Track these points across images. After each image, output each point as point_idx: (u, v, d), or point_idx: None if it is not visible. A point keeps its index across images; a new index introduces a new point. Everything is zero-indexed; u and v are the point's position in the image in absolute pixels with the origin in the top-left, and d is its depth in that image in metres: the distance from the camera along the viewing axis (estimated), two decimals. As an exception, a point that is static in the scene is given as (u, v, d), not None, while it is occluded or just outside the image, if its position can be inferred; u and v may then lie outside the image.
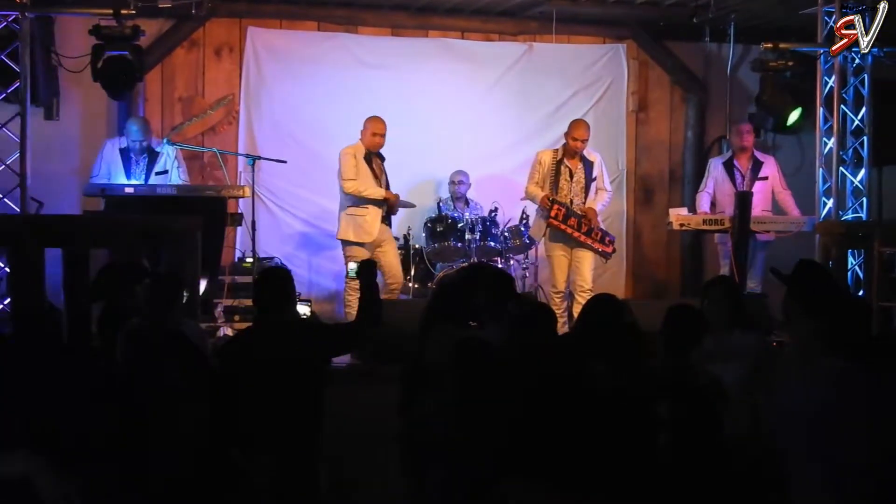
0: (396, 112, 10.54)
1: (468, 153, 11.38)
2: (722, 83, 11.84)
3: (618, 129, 12.10)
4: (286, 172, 10.64)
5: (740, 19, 11.13)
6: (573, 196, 9.73)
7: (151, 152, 9.67)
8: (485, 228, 10.27)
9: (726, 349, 5.53)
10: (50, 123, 9.89)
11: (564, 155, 9.78)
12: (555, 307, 9.33)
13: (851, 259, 9.94)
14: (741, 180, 10.05)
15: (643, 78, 12.27)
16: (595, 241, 9.70)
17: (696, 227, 9.88)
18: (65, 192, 9.99)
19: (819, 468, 3.76)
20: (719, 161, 10.35)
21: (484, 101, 11.70)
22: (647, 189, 12.38)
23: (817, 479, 3.76)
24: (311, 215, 11.04)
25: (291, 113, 11.21)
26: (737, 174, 10.09)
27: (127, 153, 9.64)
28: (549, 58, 11.86)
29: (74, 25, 9.79)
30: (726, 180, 10.09)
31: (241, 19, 11.17)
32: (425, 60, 11.60)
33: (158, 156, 9.68)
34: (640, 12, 11.47)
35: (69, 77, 9.87)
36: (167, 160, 9.66)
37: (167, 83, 11.03)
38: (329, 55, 11.34)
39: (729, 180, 10.07)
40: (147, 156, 9.65)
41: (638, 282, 12.26)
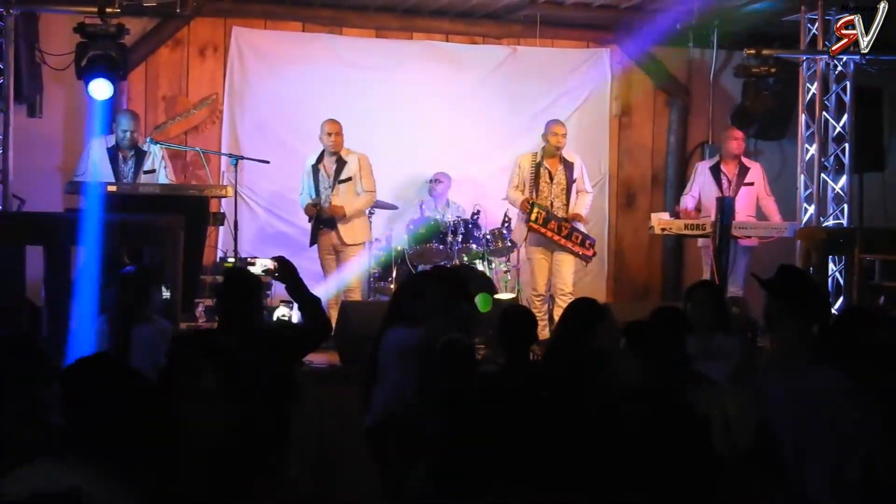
0: (380, 113, 10.56)
1: (451, 155, 11.38)
2: (705, 88, 11.90)
3: (601, 132, 12.12)
4: (269, 172, 10.63)
5: (723, 25, 11.17)
6: (553, 198, 9.75)
7: (139, 152, 9.64)
8: (467, 231, 10.27)
9: (709, 351, 5.57)
10: (33, 120, 9.86)
11: (544, 157, 9.81)
12: (535, 310, 9.35)
13: (832, 265, 10.00)
14: (727, 185, 10.08)
15: (626, 82, 12.30)
16: (575, 244, 9.72)
17: (678, 231, 9.90)
18: (47, 190, 9.94)
19: (811, 468, 3.80)
20: (706, 165, 10.37)
21: (468, 103, 11.70)
22: (630, 193, 12.41)
23: (811, 477, 3.79)
24: (293, 216, 11.01)
25: (275, 113, 11.19)
26: (723, 179, 10.12)
27: (115, 152, 9.61)
28: (533, 61, 11.89)
29: (59, 22, 9.76)
30: (713, 185, 10.11)
31: (226, 19, 11.16)
32: (410, 62, 11.60)
33: (146, 155, 9.66)
34: (625, 17, 11.50)
35: (52, 74, 9.84)
36: (154, 159, 9.64)
37: (151, 82, 11.01)
38: (314, 56, 11.34)
39: (715, 184, 10.09)
40: (135, 155, 9.62)
41: (619, 285, 12.29)
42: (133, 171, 9.56)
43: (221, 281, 5.69)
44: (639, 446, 4.07)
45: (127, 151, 9.60)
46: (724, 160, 10.21)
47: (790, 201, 10.47)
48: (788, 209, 10.37)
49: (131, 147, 9.56)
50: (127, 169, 9.58)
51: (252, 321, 5.27)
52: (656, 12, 11.08)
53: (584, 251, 9.80)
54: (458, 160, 11.37)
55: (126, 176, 9.52)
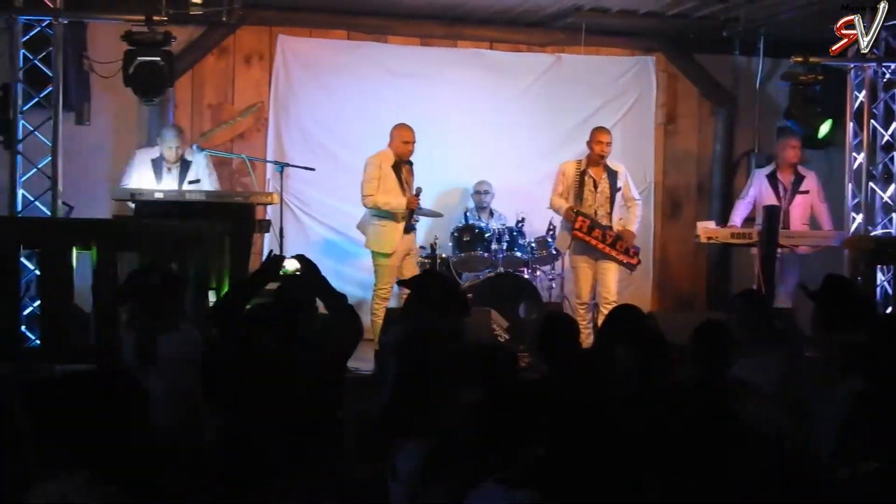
0: (424, 121, 10.56)
1: (495, 163, 11.39)
2: (751, 96, 11.83)
3: (646, 141, 12.09)
4: (314, 180, 10.69)
5: (770, 33, 11.10)
6: (598, 207, 9.70)
7: (184, 162, 9.73)
8: (511, 239, 10.28)
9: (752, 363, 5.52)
10: (81, 128, 9.94)
11: (589, 165, 9.77)
12: (579, 318, 9.32)
13: (880, 275, 9.89)
14: (783, 193, 10.02)
15: (672, 90, 12.27)
16: (620, 252, 9.67)
17: (724, 240, 9.85)
18: (94, 196, 10.03)
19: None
20: (763, 173, 10.29)
21: (512, 111, 11.71)
22: (675, 202, 12.36)
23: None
24: (338, 223, 11.05)
25: (320, 121, 11.25)
26: (780, 187, 10.06)
27: (159, 163, 9.70)
28: (577, 69, 11.87)
29: (107, 31, 9.85)
30: (770, 192, 10.05)
31: (272, 27, 11.23)
32: (454, 70, 11.62)
33: (190, 165, 9.74)
34: (670, 25, 11.46)
35: (100, 82, 9.93)
36: (199, 169, 9.72)
37: (197, 90, 11.10)
38: (358, 64, 11.38)
39: (772, 192, 10.03)
40: (180, 166, 9.71)
41: (663, 295, 12.24)
42: (178, 182, 9.65)
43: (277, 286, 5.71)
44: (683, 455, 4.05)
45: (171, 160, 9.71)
46: (781, 168, 10.15)
47: (837, 210, 10.38)
48: (835, 218, 10.28)
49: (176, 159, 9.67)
50: (171, 179, 9.67)
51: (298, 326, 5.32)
52: (702, 19, 11.03)
53: (628, 259, 9.75)
54: (501, 168, 11.36)
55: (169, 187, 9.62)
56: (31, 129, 9.07)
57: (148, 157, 9.78)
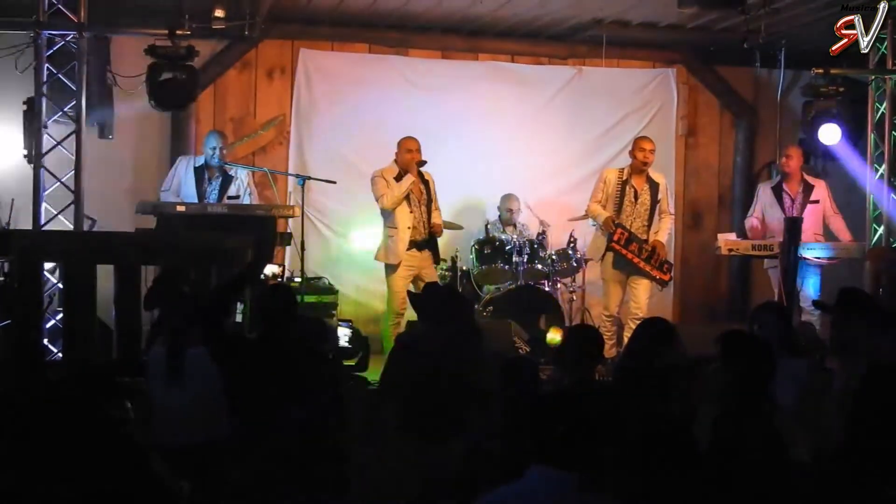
0: (445, 134, 10.60)
1: (516, 176, 11.40)
2: (772, 108, 11.80)
3: (667, 153, 12.05)
4: (336, 193, 10.72)
5: (791, 45, 11.08)
6: (635, 218, 9.67)
7: (226, 176, 9.77)
8: (532, 251, 10.26)
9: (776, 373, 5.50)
10: (104, 142, 10.00)
11: (631, 174, 9.75)
12: (605, 330, 9.30)
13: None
14: (790, 204, 9.99)
15: (692, 102, 12.28)
16: (654, 268, 9.65)
17: (745, 252, 9.82)
18: (118, 210, 10.09)
19: None
20: (767, 186, 10.30)
21: (533, 123, 11.73)
22: (696, 213, 12.35)
23: None
24: (358, 236, 11.07)
25: (342, 134, 11.28)
26: (786, 198, 10.03)
27: (202, 172, 9.74)
28: (598, 81, 11.89)
29: (130, 45, 9.91)
30: (775, 205, 10.03)
31: (294, 41, 11.28)
32: (475, 83, 11.65)
33: (232, 180, 9.78)
34: (691, 37, 11.46)
35: (124, 96, 9.99)
36: (240, 186, 9.77)
37: (219, 103, 11.15)
38: (379, 77, 11.42)
39: (777, 205, 10.01)
40: (221, 178, 9.75)
41: (684, 306, 12.22)
42: (217, 194, 9.70)
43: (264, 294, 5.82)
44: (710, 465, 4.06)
45: (214, 171, 9.74)
46: (785, 179, 10.13)
47: (858, 221, 10.34)
48: (856, 230, 10.24)
49: (220, 165, 9.70)
50: (210, 190, 9.72)
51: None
52: (723, 32, 11.02)
53: (661, 275, 9.72)
54: (522, 181, 11.35)
55: (209, 197, 9.67)
56: (56, 142, 9.13)
57: (191, 165, 9.83)
